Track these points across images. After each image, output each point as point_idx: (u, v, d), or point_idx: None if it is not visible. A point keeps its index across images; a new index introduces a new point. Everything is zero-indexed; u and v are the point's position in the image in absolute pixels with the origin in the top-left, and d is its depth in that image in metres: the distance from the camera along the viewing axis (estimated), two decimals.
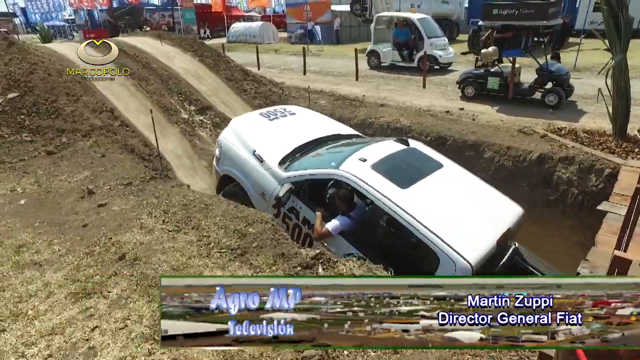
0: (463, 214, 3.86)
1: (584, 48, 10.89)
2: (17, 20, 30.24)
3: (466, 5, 26.58)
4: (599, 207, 4.36)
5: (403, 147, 4.65)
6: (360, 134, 6.07)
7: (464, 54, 11.75)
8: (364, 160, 4.19)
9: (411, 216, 3.60)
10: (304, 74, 13.45)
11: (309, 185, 4.53)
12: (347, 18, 24.76)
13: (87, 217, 4.00)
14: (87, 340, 2.48)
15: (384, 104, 9.19)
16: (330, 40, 23.94)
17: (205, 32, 28.86)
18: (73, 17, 39.04)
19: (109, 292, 2.87)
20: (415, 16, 13.69)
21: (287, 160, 4.79)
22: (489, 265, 3.83)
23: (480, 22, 10.08)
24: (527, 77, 9.46)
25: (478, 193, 4.30)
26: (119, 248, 3.33)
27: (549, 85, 8.81)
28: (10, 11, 33.03)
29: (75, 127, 6.36)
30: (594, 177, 5.66)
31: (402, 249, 3.87)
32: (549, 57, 9.09)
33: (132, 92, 8.16)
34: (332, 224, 3.99)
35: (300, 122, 6.05)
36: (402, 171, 4.25)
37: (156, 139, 5.70)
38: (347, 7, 23.59)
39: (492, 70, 9.42)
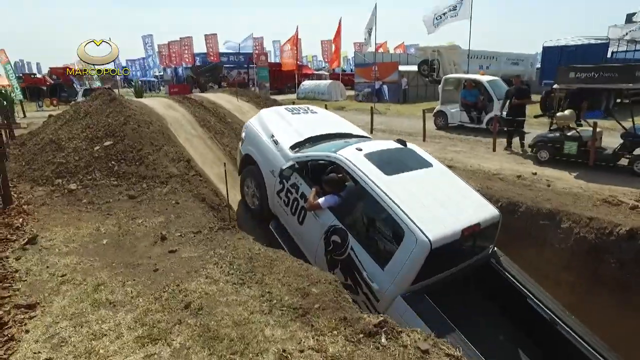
0: (434, 202, 4.32)
1: None
2: (117, 77, 34.58)
3: (538, 66, 26.14)
4: None
5: (400, 146, 5.21)
6: (370, 137, 6.56)
7: (537, 117, 11.31)
8: (360, 150, 4.82)
9: (386, 195, 4.16)
10: (371, 132, 13.66)
11: (311, 168, 5.23)
12: (414, 78, 25.31)
13: (158, 261, 4.20)
14: None
15: (451, 165, 8.98)
16: (396, 99, 24.47)
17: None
18: (162, 73, 43.90)
19: (173, 340, 2.92)
20: (484, 78, 13.64)
21: (298, 146, 5.59)
22: (458, 256, 4.36)
23: (555, 85, 9.73)
24: (608, 141, 8.87)
25: (455, 190, 4.75)
26: (185, 296, 3.42)
27: (638, 151, 8.15)
28: (114, 69, 37.82)
29: (155, 174, 6.85)
30: None
31: (375, 223, 4.44)
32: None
33: (207, 144, 8.76)
34: (323, 199, 4.68)
35: (318, 119, 6.95)
36: (391, 163, 4.77)
37: (227, 191, 5.98)
38: (414, 68, 24.20)
39: (569, 134, 8.96)
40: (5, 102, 16.74)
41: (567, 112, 9.08)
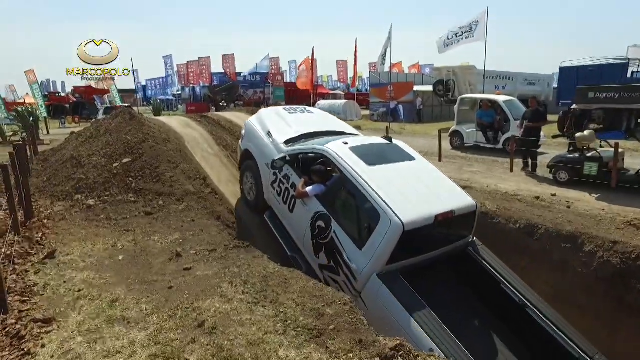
0: (411, 190, 4.68)
1: None
2: (137, 95, 35.56)
3: (555, 86, 25.90)
4: None
5: (385, 142, 5.59)
6: (360, 135, 6.86)
7: (555, 137, 11.13)
8: (346, 144, 5.22)
9: (366, 182, 4.54)
10: None
11: (302, 161, 5.55)
12: (429, 98, 25.33)
13: (173, 279, 4.20)
14: None
15: (467, 186, 8.86)
16: (412, 119, 24.47)
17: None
18: (180, 92, 44.97)
19: (186, 359, 2.89)
20: (500, 98, 13.55)
21: (292, 142, 5.98)
22: (432, 241, 4.69)
23: (574, 106, 9.58)
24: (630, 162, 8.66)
25: (434, 181, 5.06)
26: (199, 315, 3.40)
27: None
28: (134, 88, 38.89)
29: (172, 191, 6.92)
30: None
31: (355, 208, 4.76)
32: None
33: (224, 162, 8.85)
34: (311, 188, 5.08)
35: (314, 118, 7.42)
36: (374, 155, 5.12)
37: None
38: (429, 88, 24.25)
39: (589, 154, 8.78)
40: (31, 119, 17.30)
41: (586, 132, 8.92)
